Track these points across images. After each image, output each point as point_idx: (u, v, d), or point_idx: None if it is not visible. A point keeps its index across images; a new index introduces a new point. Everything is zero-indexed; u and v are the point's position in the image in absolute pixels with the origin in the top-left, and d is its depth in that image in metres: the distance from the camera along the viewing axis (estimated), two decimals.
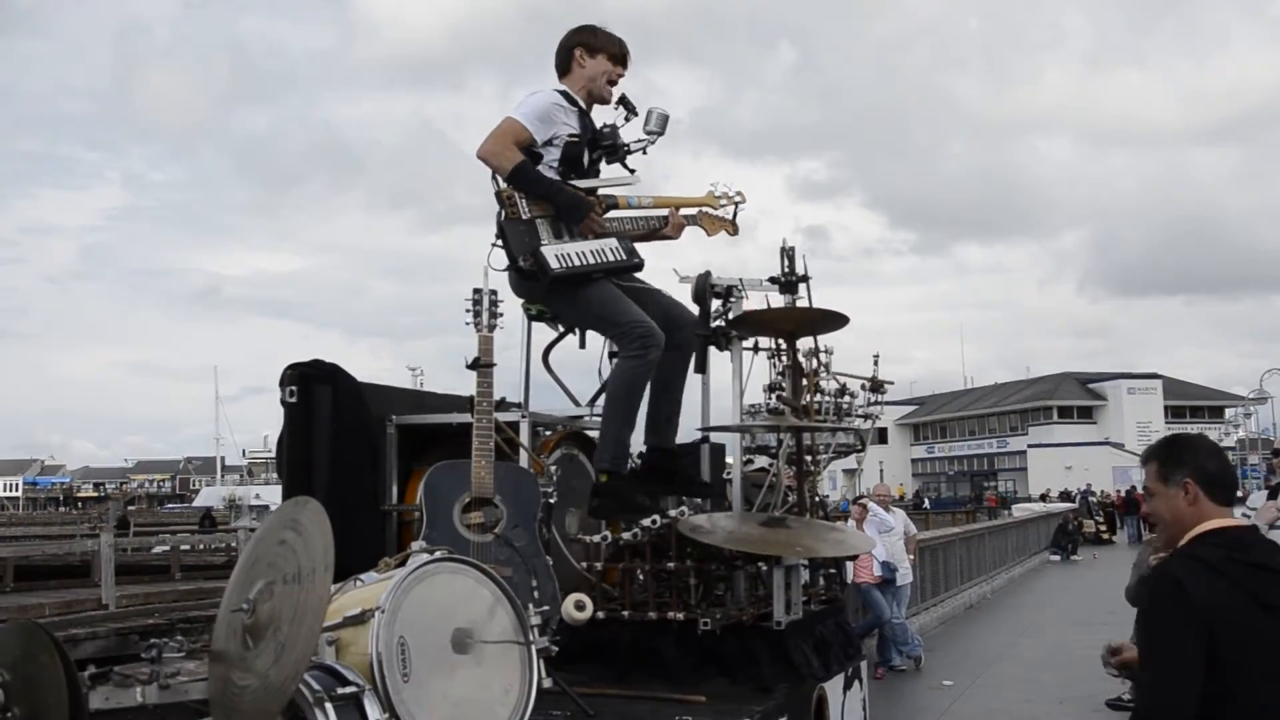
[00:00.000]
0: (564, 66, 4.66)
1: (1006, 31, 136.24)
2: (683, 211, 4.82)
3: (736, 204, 4.92)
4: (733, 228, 4.92)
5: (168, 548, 20.87)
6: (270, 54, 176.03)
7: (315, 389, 4.48)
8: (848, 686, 4.64)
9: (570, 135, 4.47)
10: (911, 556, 12.16)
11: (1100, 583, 14.12)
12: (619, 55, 4.67)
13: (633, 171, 4.71)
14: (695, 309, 4.75)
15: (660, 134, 4.69)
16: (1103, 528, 34.99)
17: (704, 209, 4.87)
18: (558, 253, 4.31)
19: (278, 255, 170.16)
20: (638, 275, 4.63)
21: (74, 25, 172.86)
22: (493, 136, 4.36)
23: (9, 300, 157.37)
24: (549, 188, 4.37)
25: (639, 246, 4.62)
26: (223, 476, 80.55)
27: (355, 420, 4.53)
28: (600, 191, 4.57)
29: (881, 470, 53.77)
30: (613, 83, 4.66)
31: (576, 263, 4.33)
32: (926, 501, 47.83)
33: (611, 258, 4.43)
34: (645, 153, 4.72)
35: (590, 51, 4.62)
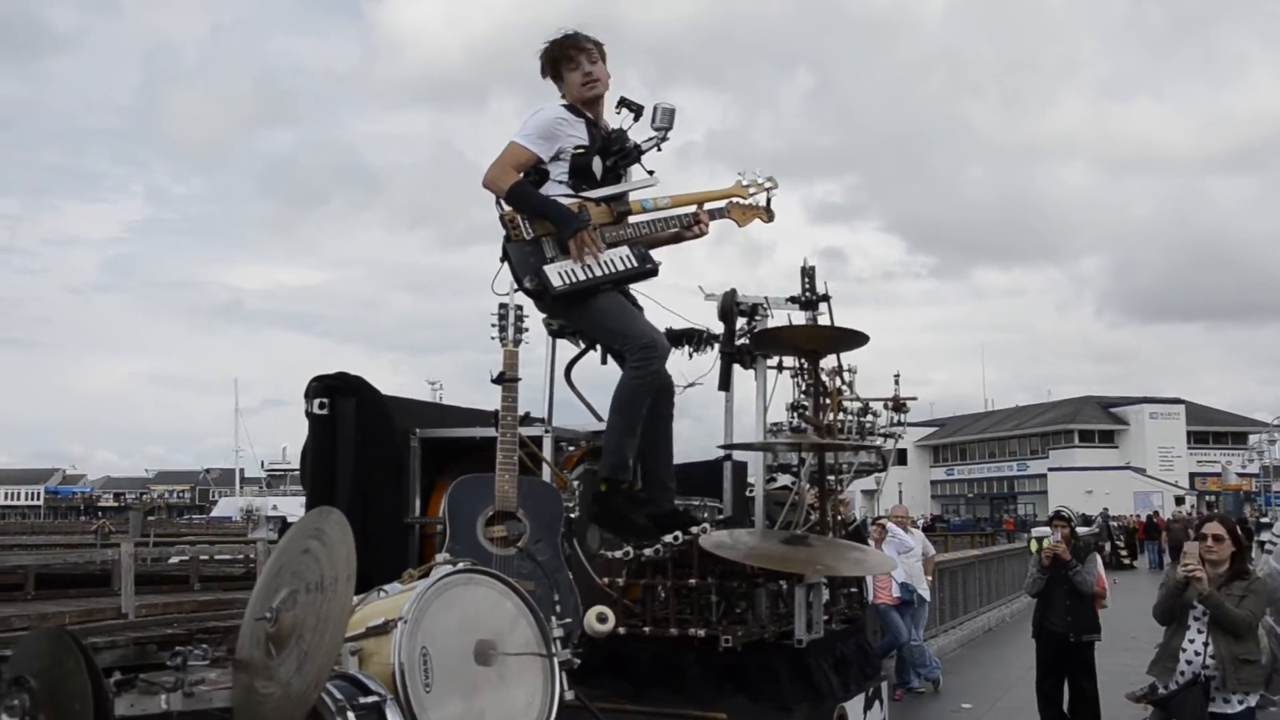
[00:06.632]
0: (562, 96, 4.62)
1: (1023, 58, 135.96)
2: (708, 205, 4.66)
3: (768, 190, 4.75)
4: (767, 214, 4.74)
5: (186, 557, 20.93)
6: (294, 75, 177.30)
7: (340, 402, 4.50)
8: (868, 706, 4.61)
9: (577, 147, 4.44)
10: (929, 578, 12.09)
11: (1121, 608, 13.98)
12: (561, 54, 4.53)
13: (651, 173, 4.61)
14: (720, 326, 4.76)
15: (669, 128, 4.59)
16: (1123, 552, 34.71)
17: (733, 200, 4.71)
18: (561, 269, 4.27)
19: (298, 269, 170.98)
20: (642, 311, 4.57)
21: (106, 46, 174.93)
22: (494, 164, 4.37)
23: (32, 311, 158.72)
24: (541, 204, 4.34)
25: (669, 250, 4.58)
26: (241, 488, 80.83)
27: (379, 433, 4.55)
28: (613, 199, 4.49)
29: (900, 491, 53.54)
30: (588, 76, 4.50)
31: (581, 277, 4.28)
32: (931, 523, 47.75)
33: (621, 267, 4.36)
34: (659, 149, 4.63)
35: (554, 74, 4.57)
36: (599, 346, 4.92)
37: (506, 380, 4.10)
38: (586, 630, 3.53)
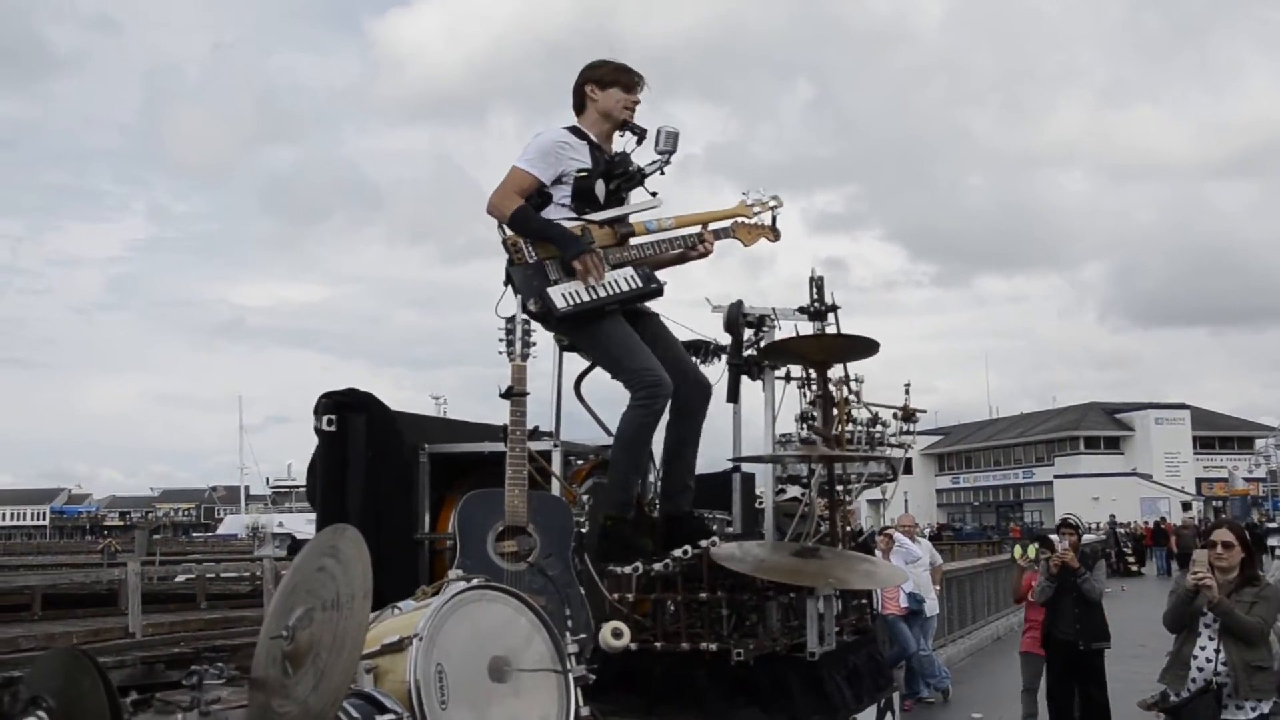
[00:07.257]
0: (579, 105, 4.65)
1: (1022, 66, 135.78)
2: (713, 226, 4.69)
3: (773, 208, 4.77)
4: (773, 234, 4.76)
5: (193, 576, 20.92)
6: (295, 92, 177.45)
7: (350, 418, 4.51)
8: (879, 718, 4.61)
9: (579, 170, 4.45)
10: (937, 587, 12.07)
11: (1129, 615, 13.94)
12: (629, 84, 4.61)
13: (654, 194, 4.63)
14: (728, 337, 4.76)
15: (672, 151, 4.61)
16: (1131, 560, 34.62)
17: (738, 219, 4.72)
18: (565, 291, 4.29)
19: (301, 286, 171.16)
20: (657, 319, 4.60)
21: (107, 66, 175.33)
22: (496, 190, 4.39)
23: (36, 331, 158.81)
24: (543, 227, 4.36)
25: (673, 271, 4.59)
26: (247, 505, 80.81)
27: (389, 449, 4.55)
28: (617, 221, 4.50)
29: (906, 500, 53.41)
30: (633, 101, 4.60)
31: (585, 298, 4.30)
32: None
33: (625, 287, 4.39)
34: (663, 173, 4.63)
35: (601, 85, 4.59)
36: None
37: (515, 395, 4.11)
38: (602, 646, 3.53)
